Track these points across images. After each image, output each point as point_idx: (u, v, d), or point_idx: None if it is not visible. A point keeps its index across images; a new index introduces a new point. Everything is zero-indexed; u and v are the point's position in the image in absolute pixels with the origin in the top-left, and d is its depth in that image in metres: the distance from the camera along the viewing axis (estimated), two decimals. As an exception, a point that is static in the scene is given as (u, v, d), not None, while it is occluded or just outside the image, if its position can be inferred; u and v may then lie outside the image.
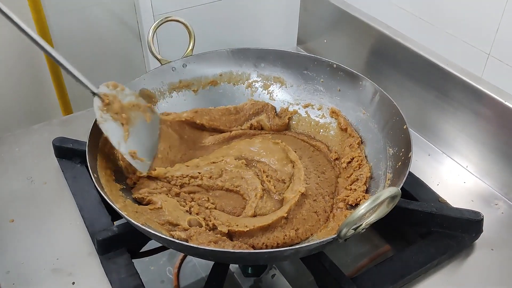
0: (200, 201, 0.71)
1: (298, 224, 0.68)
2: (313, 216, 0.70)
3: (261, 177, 0.76)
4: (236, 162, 0.76)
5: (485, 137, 0.83)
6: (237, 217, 0.69)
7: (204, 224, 0.66)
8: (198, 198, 0.72)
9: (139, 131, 0.75)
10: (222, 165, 0.76)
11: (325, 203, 0.73)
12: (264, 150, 0.80)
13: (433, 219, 0.73)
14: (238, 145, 0.81)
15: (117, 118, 0.72)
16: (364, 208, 0.51)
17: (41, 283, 0.68)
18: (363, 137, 0.81)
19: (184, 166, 0.76)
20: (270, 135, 0.86)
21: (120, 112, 0.73)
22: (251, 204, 0.70)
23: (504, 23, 0.79)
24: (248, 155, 0.79)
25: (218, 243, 0.61)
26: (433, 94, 0.89)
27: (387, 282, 0.67)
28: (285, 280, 0.80)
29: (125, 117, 0.73)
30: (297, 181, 0.74)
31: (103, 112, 0.71)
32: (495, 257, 0.72)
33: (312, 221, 0.70)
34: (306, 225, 0.69)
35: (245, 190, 0.74)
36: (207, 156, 0.80)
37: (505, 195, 0.82)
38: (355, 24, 1.01)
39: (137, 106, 0.76)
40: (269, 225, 0.66)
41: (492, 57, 0.83)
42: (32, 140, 0.91)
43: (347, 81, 0.84)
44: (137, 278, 0.66)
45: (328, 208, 0.72)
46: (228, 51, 0.88)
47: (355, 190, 0.73)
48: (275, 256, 0.59)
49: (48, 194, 0.81)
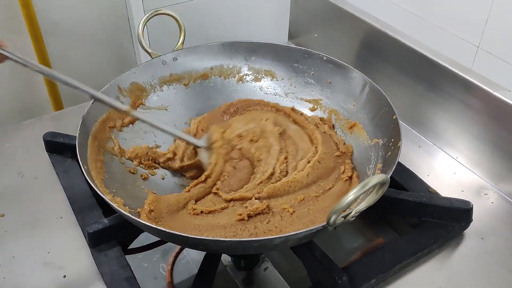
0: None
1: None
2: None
3: (283, 155, 0.77)
4: (273, 128, 0.81)
5: (475, 128, 0.83)
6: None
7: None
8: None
9: None
10: (262, 125, 0.81)
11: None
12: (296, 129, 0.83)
13: (423, 208, 0.73)
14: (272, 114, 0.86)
15: None
16: (352, 195, 0.52)
17: (32, 276, 0.68)
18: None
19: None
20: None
21: None
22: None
23: (493, 17, 0.80)
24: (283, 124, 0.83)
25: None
26: (423, 86, 0.89)
27: (378, 271, 0.67)
28: (278, 273, 0.80)
29: None
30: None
31: None
32: (485, 246, 0.73)
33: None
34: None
35: (260, 165, 0.76)
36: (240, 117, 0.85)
37: (495, 185, 0.82)
38: (345, 18, 1.02)
39: None
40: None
41: (481, 49, 0.84)
42: (23, 135, 0.91)
43: (337, 73, 0.84)
44: (128, 270, 0.66)
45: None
46: (219, 44, 0.88)
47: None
48: (265, 245, 0.59)
49: (39, 189, 0.80)
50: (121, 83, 0.80)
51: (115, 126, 0.78)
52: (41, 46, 0.96)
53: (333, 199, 0.71)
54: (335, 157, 0.78)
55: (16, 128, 0.92)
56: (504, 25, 0.79)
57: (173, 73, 0.87)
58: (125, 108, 0.76)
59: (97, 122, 0.75)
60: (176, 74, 0.87)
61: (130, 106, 0.79)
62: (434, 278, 0.68)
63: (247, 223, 0.67)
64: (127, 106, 0.77)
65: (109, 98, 0.74)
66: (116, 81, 0.80)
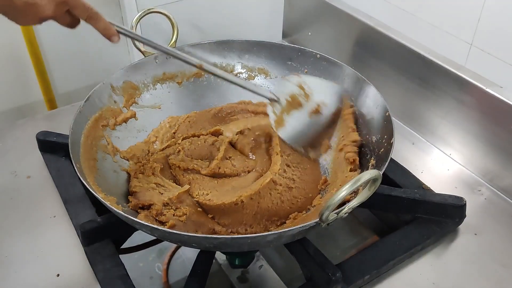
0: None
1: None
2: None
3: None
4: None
5: (468, 124, 0.84)
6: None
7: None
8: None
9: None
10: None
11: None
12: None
13: (417, 205, 0.74)
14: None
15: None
16: (344, 191, 0.52)
17: (26, 275, 0.67)
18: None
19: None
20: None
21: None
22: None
23: (485, 14, 0.80)
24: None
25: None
26: (416, 83, 0.90)
27: (372, 267, 0.67)
28: (273, 271, 0.80)
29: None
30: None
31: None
32: (478, 242, 0.73)
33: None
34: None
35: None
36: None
37: (488, 182, 0.83)
38: (339, 16, 1.02)
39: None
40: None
41: (474, 47, 0.84)
42: (16, 135, 0.90)
43: (330, 71, 0.84)
44: (122, 268, 0.66)
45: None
46: (212, 42, 0.88)
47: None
48: (258, 242, 0.59)
49: (32, 188, 0.80)
50: (114, 82, 0.80)
51: (108, 125, 0.78)
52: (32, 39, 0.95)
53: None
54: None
55: (9, 127, 0.92)
56: (497, 23, 0.79)
57: (166, 72, 0.87)
58: (196, 62, 0.72)
59: (90, 120, 0.75)
60: (169, 73, 0.87)
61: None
62: (427, 274, 0.69)
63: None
64: (198, 60, 0.73)
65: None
66: (109, 80, 0.79)
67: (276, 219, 0.70)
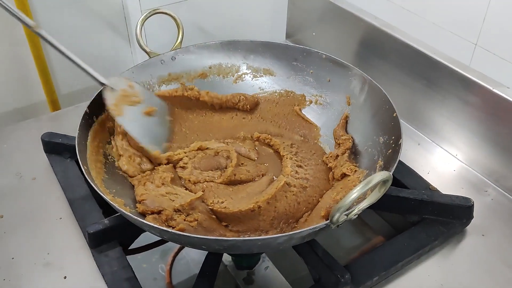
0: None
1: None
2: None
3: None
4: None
5: (473, 125, 0.84)
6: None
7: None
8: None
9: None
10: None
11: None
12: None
13: (424, 206, 0.73)
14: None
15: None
16: (356, 192, 0.51)
17: (33, 278, 0.67)
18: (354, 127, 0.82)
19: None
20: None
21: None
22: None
23: (490, 14, 0.80)
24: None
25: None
26: (421, 84, 0.89)
27: (380, 269, 0.67)
28: (279, 272, 0.80)
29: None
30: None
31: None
32: (486, 243, 0.73)
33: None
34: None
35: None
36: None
37: (494, 182, 0.83)
38: (343, 16, 1.01)
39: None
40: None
41: (479, 47, 0.84)
42: (20, 136, 0.90)
43: (336, 71, 0.84)
44: (129, 270, 0.66)
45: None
46: (218, 43, 0.88)
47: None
48: (268, 244, 0.59)
49: (37, 189, 0.80)
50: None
51: (114, 126, 0.78)
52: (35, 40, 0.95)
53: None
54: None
55: (13, 129, 0.92)
56: (502, 23, 0.79)
57: (172, 72, 0.86)
58: (32, 24, 0.71)
59: (96, 122, 0.74)
60: (174, 73, 0.86)
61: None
62: (435, 275, 0.69)
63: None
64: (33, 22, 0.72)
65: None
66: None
67: (292, 221, 0.70)
